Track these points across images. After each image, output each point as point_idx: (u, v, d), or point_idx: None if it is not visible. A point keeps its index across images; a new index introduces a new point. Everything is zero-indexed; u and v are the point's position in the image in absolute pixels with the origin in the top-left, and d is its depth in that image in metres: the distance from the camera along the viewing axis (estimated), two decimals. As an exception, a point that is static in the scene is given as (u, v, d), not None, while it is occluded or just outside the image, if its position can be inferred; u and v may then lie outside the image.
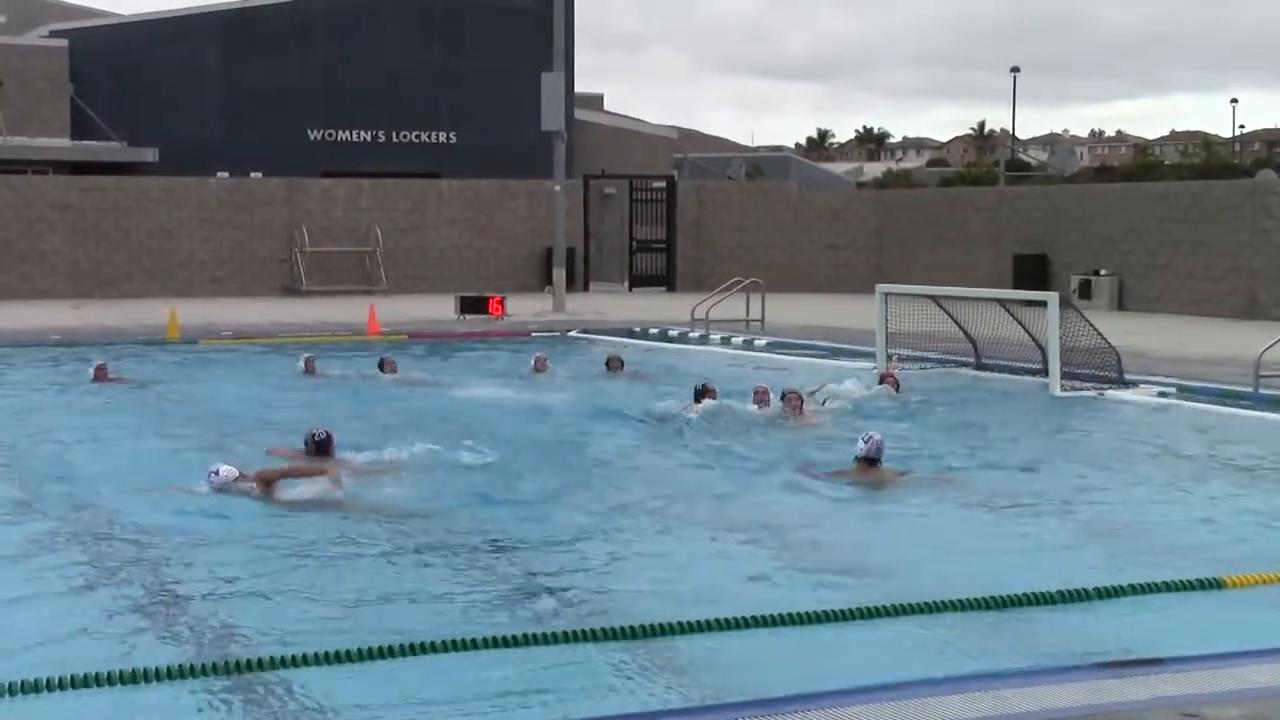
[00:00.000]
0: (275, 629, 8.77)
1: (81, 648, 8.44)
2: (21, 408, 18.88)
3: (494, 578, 10.20)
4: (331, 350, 25.62)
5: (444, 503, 12.75)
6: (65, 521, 12.00)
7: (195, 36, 47.44)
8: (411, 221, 40.60)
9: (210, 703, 7.41)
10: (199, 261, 38.53)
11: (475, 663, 7.98)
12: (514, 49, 46.32)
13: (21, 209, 37.93)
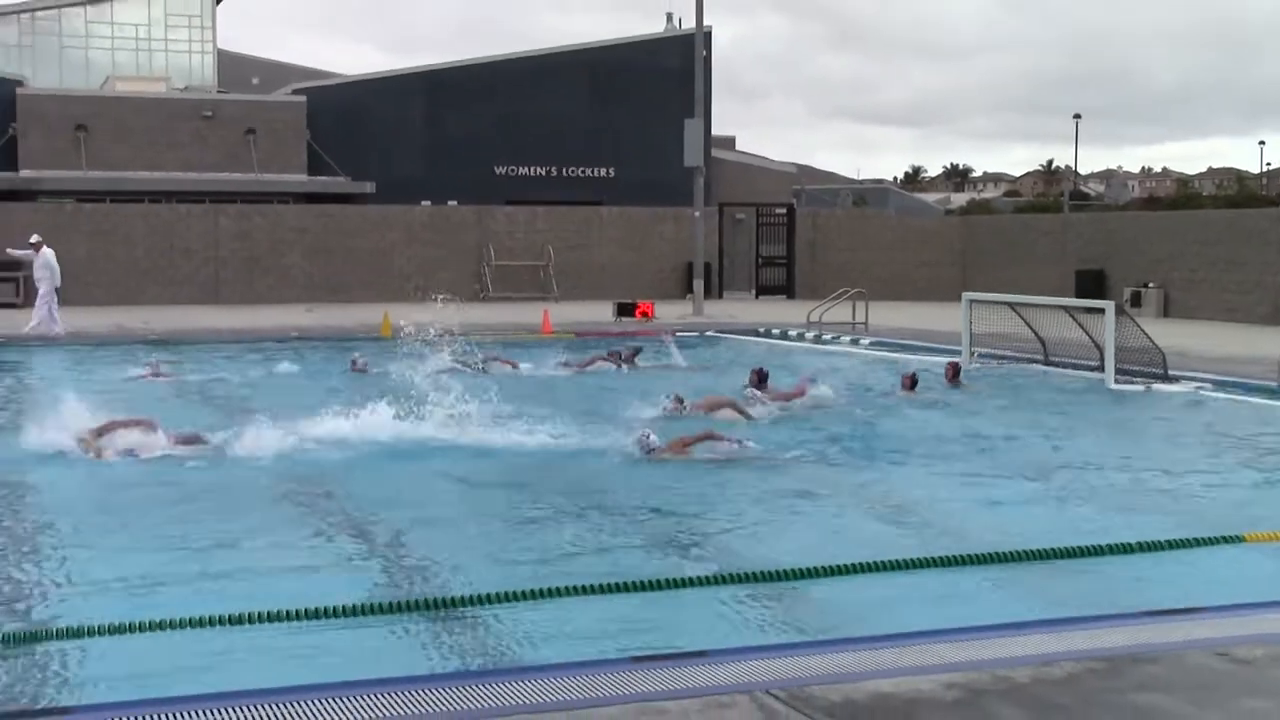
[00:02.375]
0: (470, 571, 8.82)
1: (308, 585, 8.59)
2: (296, 389, 19.26)
3: (646, 533, 10.23)
4: (512, 344, 25.87)
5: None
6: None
7: (405, 92, 48.05)
8: (578, 241, 40.79)
9: (421, 634, 7.51)
10: (406, 273, 38.97)
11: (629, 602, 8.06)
12: (662, 100, 46.39)
13: (269, 232, 38.67)
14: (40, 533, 10.04)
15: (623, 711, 5.63)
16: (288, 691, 5.96)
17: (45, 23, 51.02)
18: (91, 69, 50.58)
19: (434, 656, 7.11)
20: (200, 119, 44.75)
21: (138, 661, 6.94)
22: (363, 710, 5.69)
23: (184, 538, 9.76)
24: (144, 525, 10.30)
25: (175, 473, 12.42)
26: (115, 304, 35.34)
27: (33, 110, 43.29)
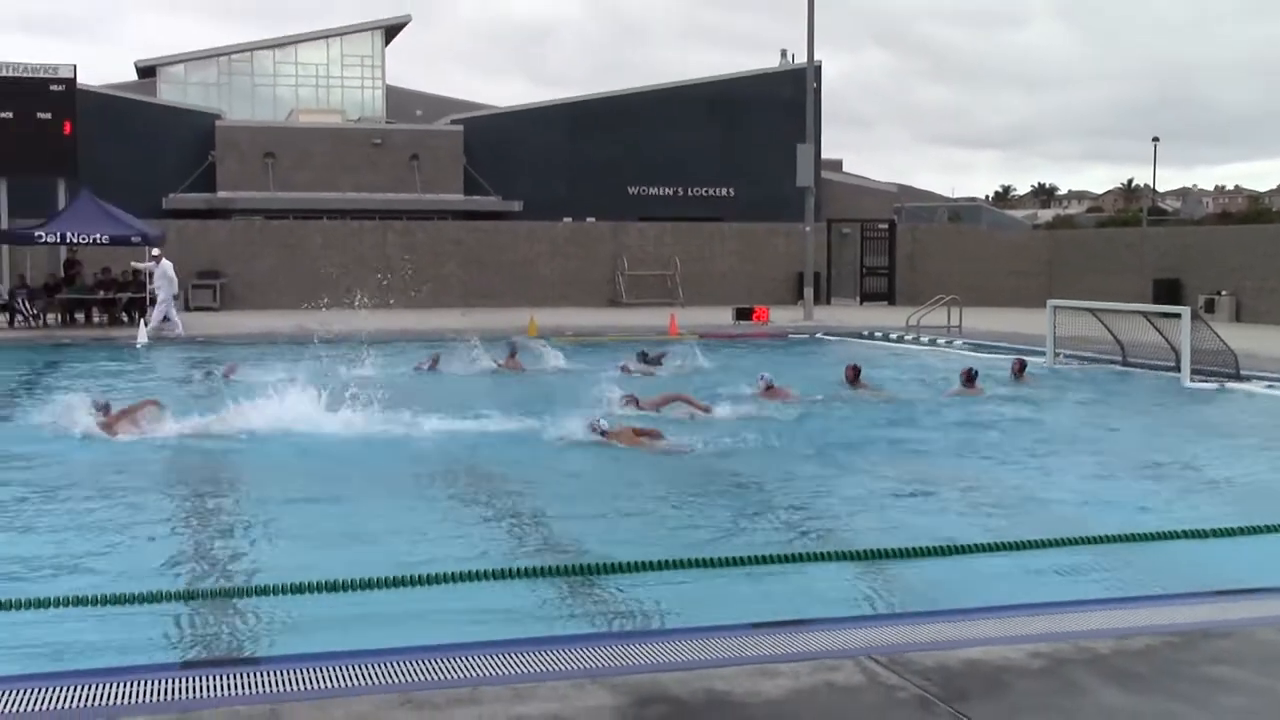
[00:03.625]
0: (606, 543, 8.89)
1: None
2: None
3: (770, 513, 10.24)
4: (641, 346, 25.96)
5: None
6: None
7: (549, 121, 48.41)
8: (701, 253, 40.79)
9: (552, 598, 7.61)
10: (550, 282, 39.29)
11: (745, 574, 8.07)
12: (776, 127, 46.18)
13: (430, 244, 39.23)
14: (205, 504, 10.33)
15: (742, 671, 5.66)
16: (431, 650, 6.06)
17: (240, 64, 52.26)
18: (278, 103, 51.69)
19: (570, 619, 7.20)
20: (371, 146, 45.51)
21: (315, 617, 7.12)
22: (508, 666, 5.78)
23: (345, 507, 9.99)
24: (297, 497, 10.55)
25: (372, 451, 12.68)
26: (298, 308, 36.09)
27: (229, 140, 44.40)
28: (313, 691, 5.45)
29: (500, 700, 5.29)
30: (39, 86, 34.23)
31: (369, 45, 53.38)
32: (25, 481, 11.41)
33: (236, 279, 37.52)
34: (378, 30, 53.80)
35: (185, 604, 7.34)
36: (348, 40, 53.24)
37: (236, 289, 37.43)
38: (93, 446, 13.09)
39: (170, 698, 5.37)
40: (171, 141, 43.81)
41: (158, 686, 5.50)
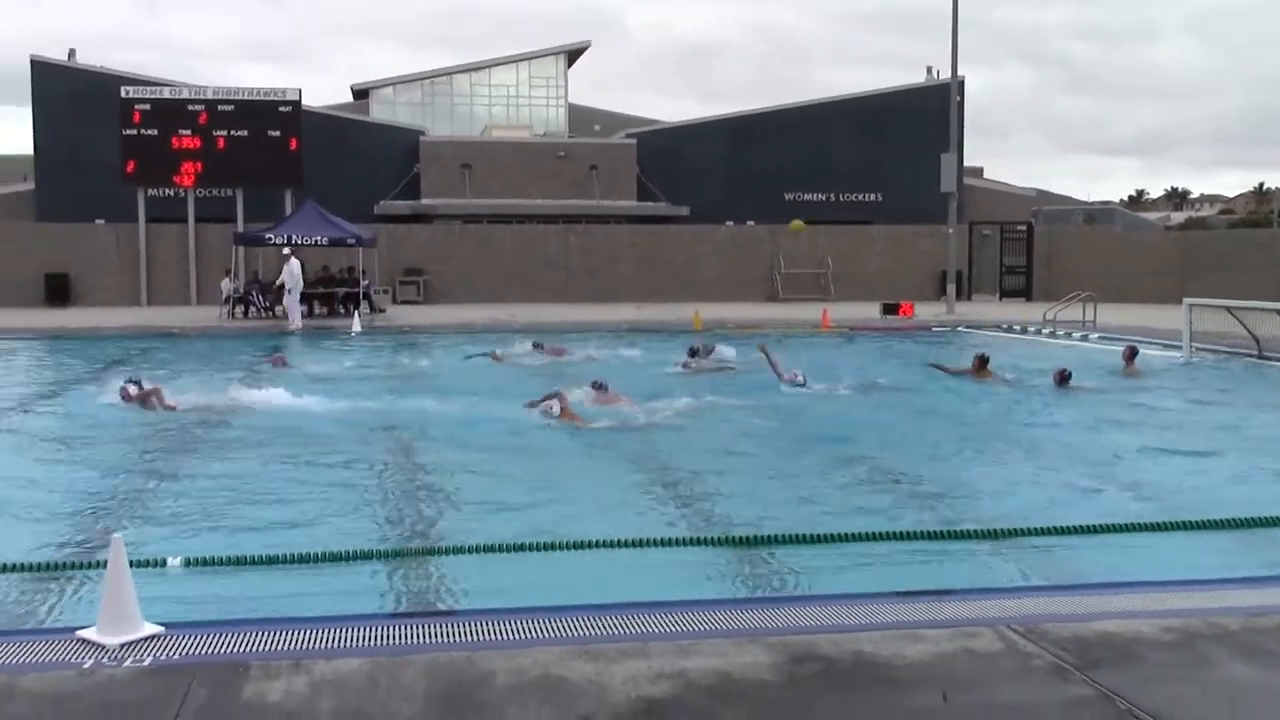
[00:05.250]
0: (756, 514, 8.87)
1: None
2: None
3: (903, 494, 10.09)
4: (794, 337, 25.78)
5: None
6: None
7: (713, 134, 48.31)
8: (852, 253, 40.29)
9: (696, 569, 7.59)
10: (713, 279, 39.26)
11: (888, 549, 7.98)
12: (921, 137, 45.26)
13: (606, 246, 39.60)
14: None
15: (888, 635, 5.59)
16: (605, 608, 6.11)
17: (441, 86, 53.40)
18: (474, 120, 52.68)
19: (721, 583, 7.19)
20: (555, 158, 46.08)
21: (500, 575, 7.25)
22: (674, 624, 5.81)
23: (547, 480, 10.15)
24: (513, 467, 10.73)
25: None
26: (490, 301, 36.80)
27: (431, 153, 45.43)
28: (503, 641, 5.56)
29: (667, 654, 5.32)
30: (270, 108, 35.57)
31: (554, 68, 54.00)
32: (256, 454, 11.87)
33: (437, 276, 38.38)
34: (561, 54, 54.40)
35: (394, 561, 7.56)
36: (535, 64, 53.95)
37: (437, 285, 38.31)
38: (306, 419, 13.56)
39: (382, 643, 5.54)
40: (382, 155, 45.01)
41: (371, 633, 5.68)
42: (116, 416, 14.00)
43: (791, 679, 5.08)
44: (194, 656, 5.33)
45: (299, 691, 4.88)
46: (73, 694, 4.89)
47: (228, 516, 8.93)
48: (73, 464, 11.38)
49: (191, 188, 35.46)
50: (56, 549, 7.91)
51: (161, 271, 36.67)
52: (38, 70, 42.56)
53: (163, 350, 23.45)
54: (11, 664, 5.23)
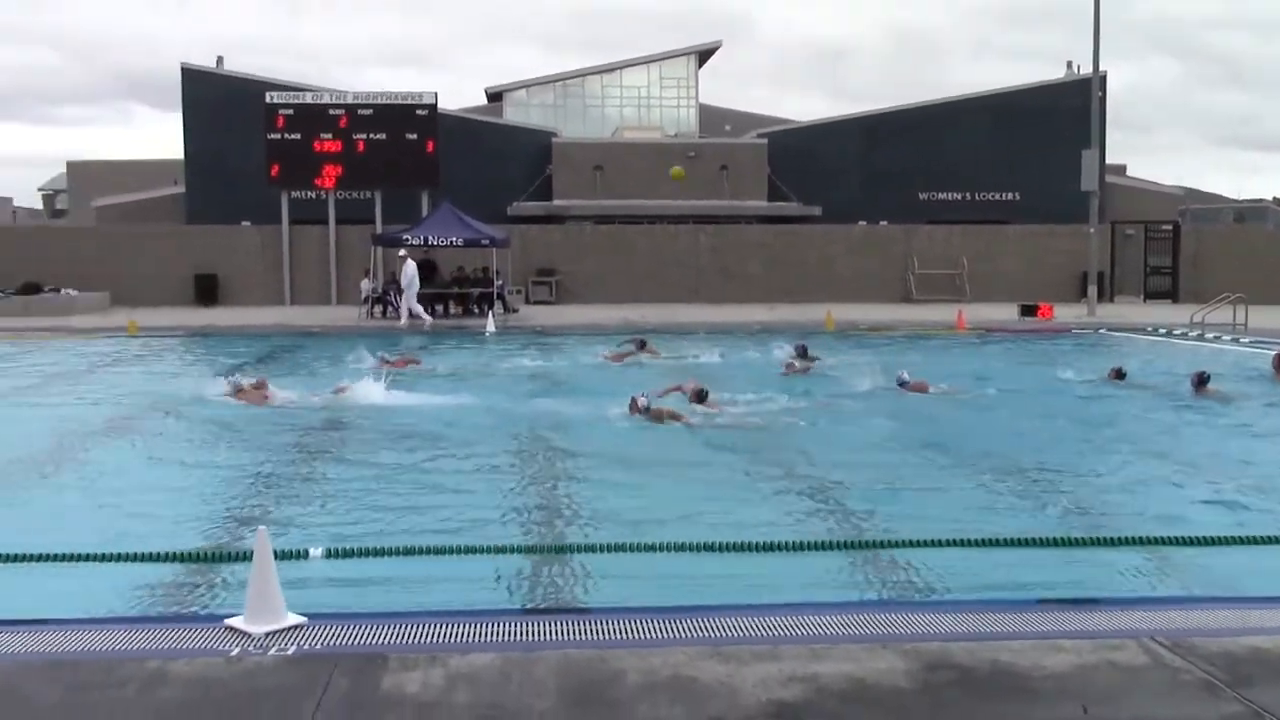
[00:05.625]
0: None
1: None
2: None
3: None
4: (928, 339, 25.38)
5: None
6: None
7: (845, 133, 47.80)
8: (987, 253, 39.47)
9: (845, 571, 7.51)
10: (845, 279, 38.83)
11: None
12: (1061, 134, 44.12)
13: (736, 246, 39.53)
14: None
15: (1027, 645, 5.46)
16: (736, 609, 6.09)
17: (573, 88, 53.90)
18: (605, 122, 53.03)
19: (852, 587, 7.11)
20: (685, 159, 46.11)
21: (627, 575, 7.28)
22: (805, 627, 5.76)
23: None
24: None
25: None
26: (621, 302, 37.02)
27: (563, 154, 45.89)
28: (634, 640, 5.59)
29: (799, 658, 5.28)
30: (407, 112, 36.36)
31: (684, 69, 54.06)
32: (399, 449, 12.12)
33: (569, 276, 38.74)
34: (692, 55, 54.43)
35: (527, 557, 7.65)
36: (666, 65, 54.09)
37: (569, 285, 38.66)
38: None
39: (514, 639, 5.62)
40: (515, 157, 45.60)
41: (504, 628, 5.76)
42: (253, 413, 14.46)
43: (926, 686, 5.00)
44: (334, 647, 5.48)
45: (435, 684, 4.97)
46: (220, 680, 5.06)
47: (365, 510, 9.15)
48: (218, 457, 11.79)
49: (332, 190, 36.44)
50: (205, 539, 8.20)
51: (304, 272, 37.75)
52: (188, 77, 44.18)
53: (305, 348, 24.13)
54: (164, 649, 5.45)
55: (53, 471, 10.97)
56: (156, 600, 6.77)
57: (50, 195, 76.72)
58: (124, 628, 5.85)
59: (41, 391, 17.32)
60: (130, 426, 13.71)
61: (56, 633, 5.72)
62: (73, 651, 5.44)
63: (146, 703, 4.81)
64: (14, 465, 11.05)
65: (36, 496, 9.94)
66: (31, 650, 5.46)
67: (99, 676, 5.08)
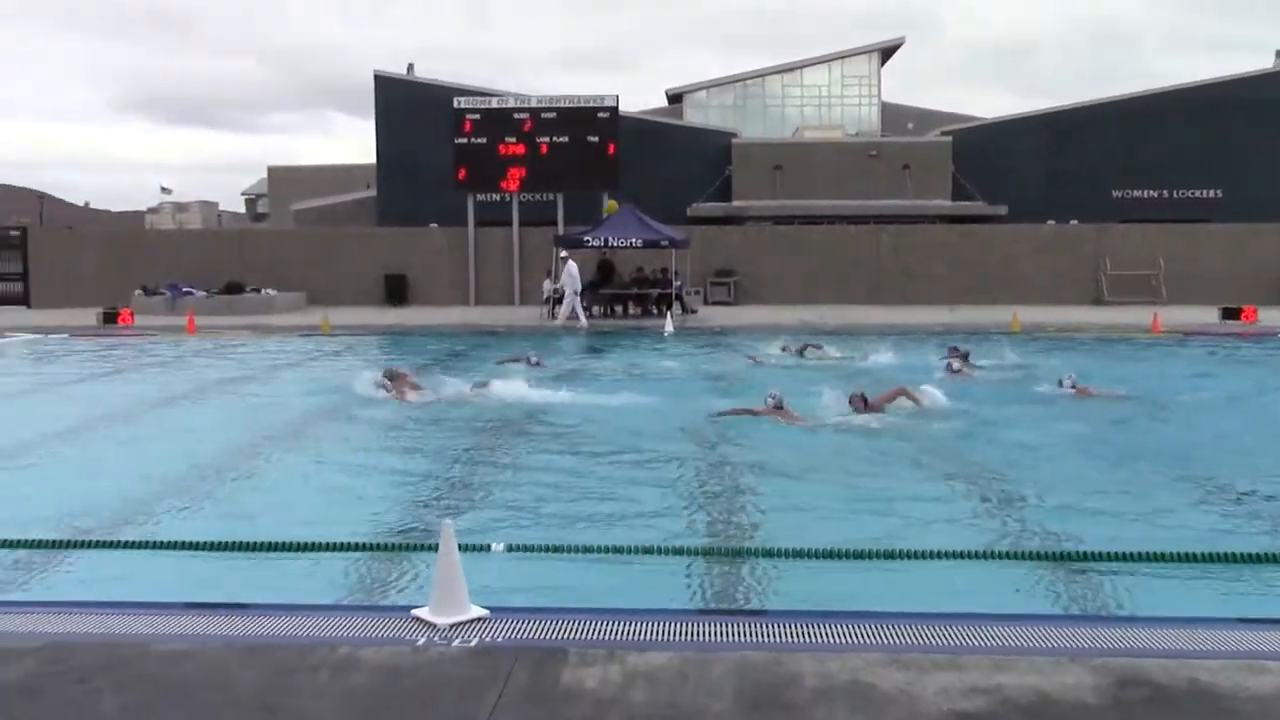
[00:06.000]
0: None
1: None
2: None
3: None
4: (1121, 342, 24.44)
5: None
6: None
7: (1032, 130, 46.43)
8: (1186, 254, 37.73)
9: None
10: (1031, 280, 37.68)
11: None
12: (1268, 127, 41.99)
13: (919, 246, 38.79)
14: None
15: (1227, 665, 5.21)
16: (916, 616, 5.97)
17: (753, 88, 53.81)
18: (785, 122, 52.78)
19: (1038, 598, 6.89)
20: (867, 158, 45.51)
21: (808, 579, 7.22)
22: (988, 637, 5.62)
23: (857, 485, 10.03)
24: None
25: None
26: (799, 303, 36.77)
27: (743, 155, 45.84)
28: (811, 644, 5.55)
29: (981, 668, 5.16)
30: (589, 114, 36.90)
31: (866, 66, 53.38)
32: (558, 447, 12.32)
33: (747, 277, 38.67)
34: (874, 53, 53.72)
35: (703, 558, 7.67)
36: (847, 63, 53.51)
37: (747, 286, 38.60)
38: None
39: (691, 639, 5.64)
40: (695, 158, 45.77)
41: (681, 628, 5.79)
42: (422, 410, 14.87)
43: (1116, 703, 4.82)
44: (516, 640, 5.60)
45: (613, 680, 5.03)
46: (407, 668, 5.23)
47: (544, 506, 9.32)
48: (403, 452, 12.18)
49: (516, 192, 37.25)
50: (393, 532, 8.48)
51: (488, 272, 38.69)
52: (380, 84, 45.76)
53: (489, 347, 24.72)
54: (354, 637, 5.66)
55: (249, 464, 11.52)
56: (347, 589, 7.03)
57: (252, 199, 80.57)
58: (317, 615, 6.09)
59: (238, 386, 18.18)
60: (317, 422, 14.28)
61: (256, 618, 6.00)
62: (271, 636, 5.70)
63: (339, 687, 5.01)
64: (214, 459, 11.65)
65: (237, 488, 10.44)
66: (233, 634, 5.75)
67: (294, 660, 5.31)
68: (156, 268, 38.72)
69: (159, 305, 35.04)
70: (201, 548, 7.78)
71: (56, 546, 7.94)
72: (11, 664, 5.27)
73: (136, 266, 38.84)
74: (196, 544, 7.84)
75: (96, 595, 6.59)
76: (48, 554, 7.82)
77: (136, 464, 11.38)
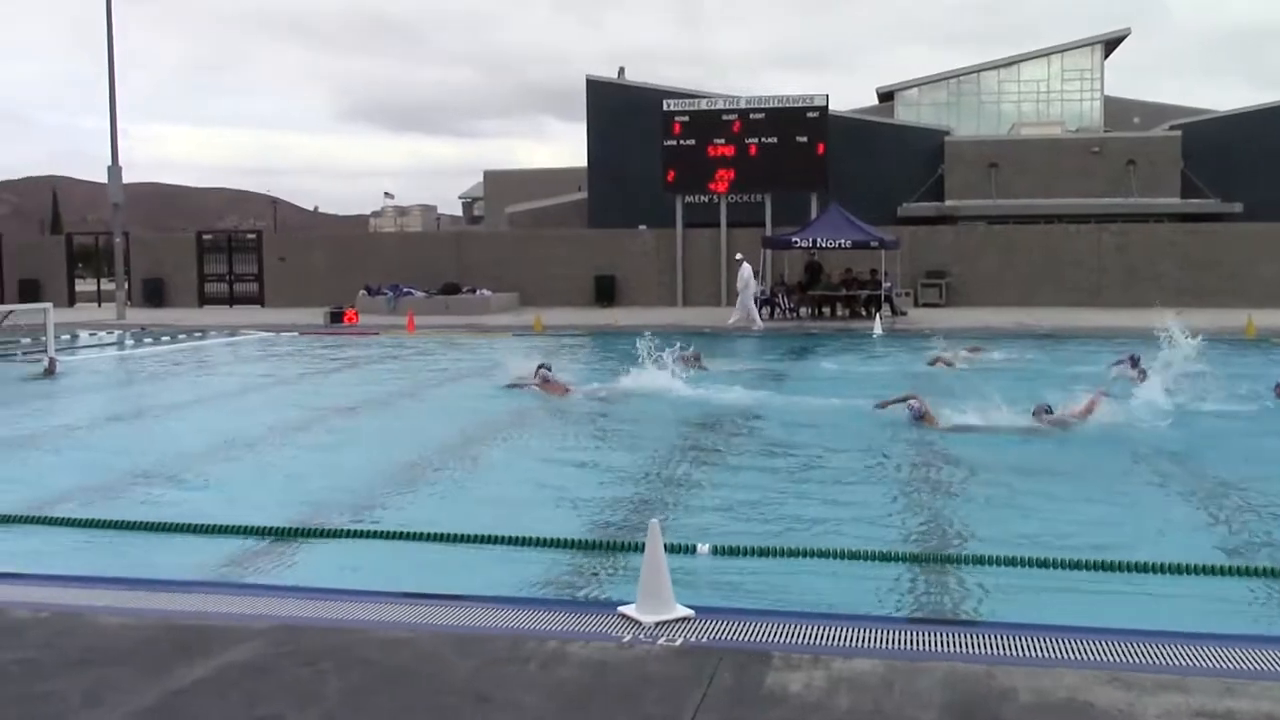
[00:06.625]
0: None
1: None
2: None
3: None
4: None
5: None
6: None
7: (1270, 123, 43.75)
8: None
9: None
10: (1271, 283, 35.47)
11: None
12: None
13: (1144, 246, 37.15)
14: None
15: None
16: (1138, 633, 5.72)
17: (967, 84, 52.50)
18: (1001, 118, 51.31)
19: (1273, 620, 6.51)
20: (1088, 154, 43.81)
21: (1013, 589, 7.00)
22: (1216, 659, 5.35)
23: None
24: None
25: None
26: (1015, 305, 35.71)
27: (956, 153, 44.78)
28: (1025, 658, 5.38)
29: (1209, 692, 4.90)
30: (798, 114, 36.73)
31: (1088, 59, 51.39)
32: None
33: (959, 278, 37.79)
34: (1097, 45, 51.66)
35: (912, 565, 7.54)
36: (1068, 56, 51.62)
37: (959, 287, 37.71)
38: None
39: (898, 647, 5.55)
40: (906, 157, 44.94)
41: (887, 635, 5.70)
42: (603, 406, 15.04)
43: (1361, 736, 4.51)
44: (720, 641, 5.62)
45: (817, 685, 5.00)
46: (613, 664, 5.32)
47: (751, 508, 9.32)
48: (609, 449, 12.38)
49: (724, 194, 37.36)
50: (599, 529, 8.63)
51: (695, 274, 38.93)
52: (591, 88, 46.59)
53: (722, 347, 24.83)
54: (562, 631, 5.79)
55: (459, 459, 11.90)
56: (556, 585, 7.19)
57: (469, 202, 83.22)
58: (528, 608, 6.26)
59: (454, 382, 18.79)
60: (521, 417, 14.64)
61: (470, 608, 6.21)
62: (483, 627, 5.89)
63: (547, 680, 5.13)
64: (430, 452, 12.09)
65: (450, 481, 10.81)
66: (448, 624, 5.96)
67: (506, 652, 5.47)
68: (379, 269, 40.47)
69: (381, 305, 36.58)
70: (418, 538, 8.09)
71: (280, 535, 8.38)
72: (245, 643, 5.60)
73: (360, 267, 40.68)
74: (413, 534, 8.16)
75: (321, 581, 6.94)
76: (276, 540, 8.26)
77: (359, 455, 11.93)
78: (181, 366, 22.29)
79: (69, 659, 5.41)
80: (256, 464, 11.77)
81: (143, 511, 9.19)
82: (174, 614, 6.13)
